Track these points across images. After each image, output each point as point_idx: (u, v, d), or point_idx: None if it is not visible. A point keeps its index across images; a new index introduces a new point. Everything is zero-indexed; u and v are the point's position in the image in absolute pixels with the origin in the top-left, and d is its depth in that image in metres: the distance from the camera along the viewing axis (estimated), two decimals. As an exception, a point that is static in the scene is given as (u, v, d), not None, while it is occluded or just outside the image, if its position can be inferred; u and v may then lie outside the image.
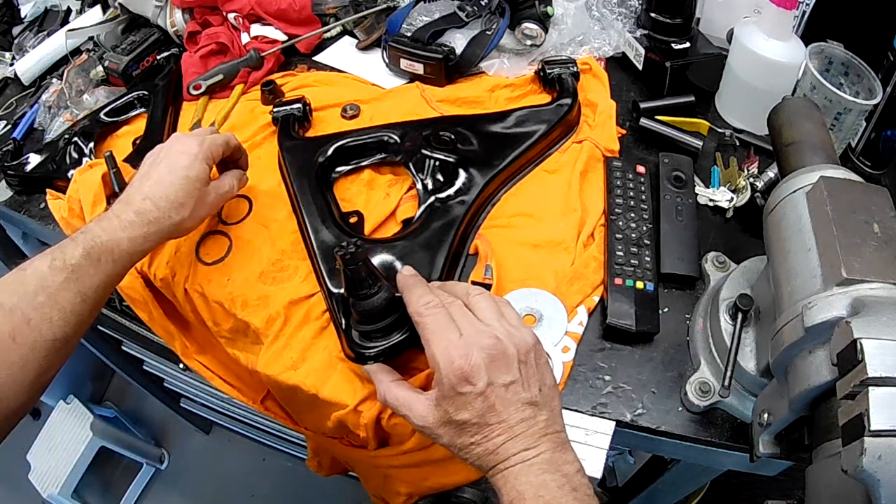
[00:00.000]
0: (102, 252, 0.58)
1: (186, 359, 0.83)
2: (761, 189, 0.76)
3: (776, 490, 0.84)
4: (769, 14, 0.80)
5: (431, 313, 0.52)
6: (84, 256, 0.57)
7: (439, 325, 0.51)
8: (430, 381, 0.61)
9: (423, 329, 0.52)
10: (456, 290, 0.56)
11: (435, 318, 0.52)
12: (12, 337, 0.52)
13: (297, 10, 0.98)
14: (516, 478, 0.48)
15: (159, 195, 0.63)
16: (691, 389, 0.63)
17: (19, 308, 0.53)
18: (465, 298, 0.54)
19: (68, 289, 0.55)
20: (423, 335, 0.52)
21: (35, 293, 0.54)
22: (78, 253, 0.57)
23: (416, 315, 0.53)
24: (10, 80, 1.06)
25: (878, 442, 0.36)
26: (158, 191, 0.63)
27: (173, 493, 1.70)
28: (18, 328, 0.52)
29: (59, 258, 0.56)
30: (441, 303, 0.53)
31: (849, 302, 0.44)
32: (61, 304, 0.55)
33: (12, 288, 0.54)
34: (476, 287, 0.56)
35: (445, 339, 0.50)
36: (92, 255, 0.57)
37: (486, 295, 0.55)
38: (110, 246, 0.59)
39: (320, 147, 0.81)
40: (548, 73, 0.89)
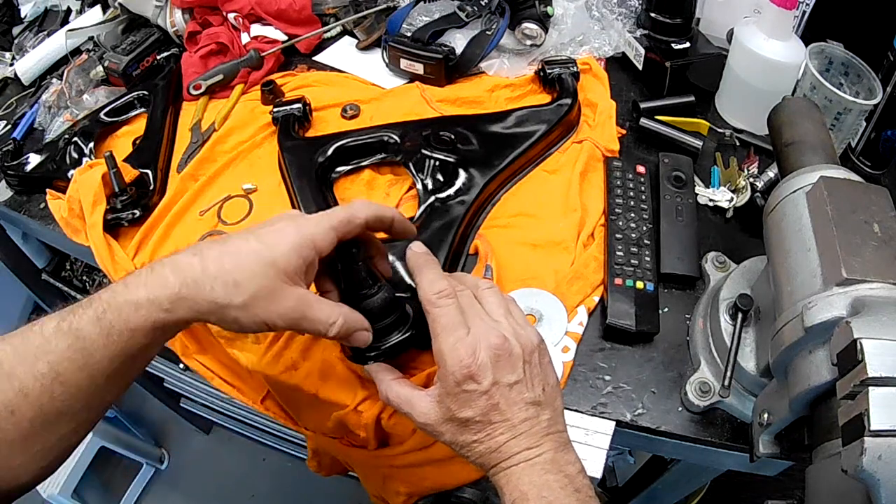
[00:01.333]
0: (116, 319, 0.45)
1: (186, 359, 0.83)
2: (761, 189, 0.76)
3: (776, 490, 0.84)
4: (769, 14, 0.80)
5: (444, 304, 0.50)
6: (93, 322, 0.45)
7: (450, 319, 0.50)
8: (430, 380, 0.61)
9: (433, 321, 0.51)
10: (465, 281, 0.55)
11: (447, 310, 0.50)
12: (10, 410, 0.44)
13: (297, 10, 0.98)
14: (519, 477, 0.48)
15: (214, 257, 0.47)
16: (691, 389, 0.63)
17: (17, 375, 0.44)
18: (475, 290, 0.54)
19: (73, 360, 0.45)
20: (433, 327, 0.51)
21: (36, 358, 0.44)
22: (88, 316, 0.45)
23: (427, 303, 0.51)
24: (10, 80, 1.06)
25: (878, 442, 0.36)
26: (216, 251, 0.47)
27: (173, 493, 1.70)
28: (16, 400, 0.44)
29: (68, 319, 0.46)
30: (453, 291, 0.51)
31: (849, 302, 0.44)
32: (65, 377, 0.44)
33: (15, 346, 0.45)
34: (485, 281, 0.55)
35: (455, 334, 0.49)
36: (103, 321, 0.45)
37: (495, 290, 0.54)
38: (126, 309, 0.45)
39: (320, 147, 0.81)
40: (548, 73, 0.89)
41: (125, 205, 0.78)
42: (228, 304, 0.46)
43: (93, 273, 1.17)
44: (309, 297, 0.49)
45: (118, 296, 0.46)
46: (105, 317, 0.45)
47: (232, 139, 0.88)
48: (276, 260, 0.47)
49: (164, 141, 0.87)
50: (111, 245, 0.76)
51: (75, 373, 0.45)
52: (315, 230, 0.49)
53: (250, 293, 0.46)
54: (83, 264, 1.18)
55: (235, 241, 0.48)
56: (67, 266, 1.18)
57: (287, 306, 0.48)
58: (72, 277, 1.17)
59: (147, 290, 0.46)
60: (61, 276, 1.17)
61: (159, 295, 0.46)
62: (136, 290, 0.46)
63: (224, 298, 0.46)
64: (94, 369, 0.45)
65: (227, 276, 0.46)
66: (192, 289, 0.46)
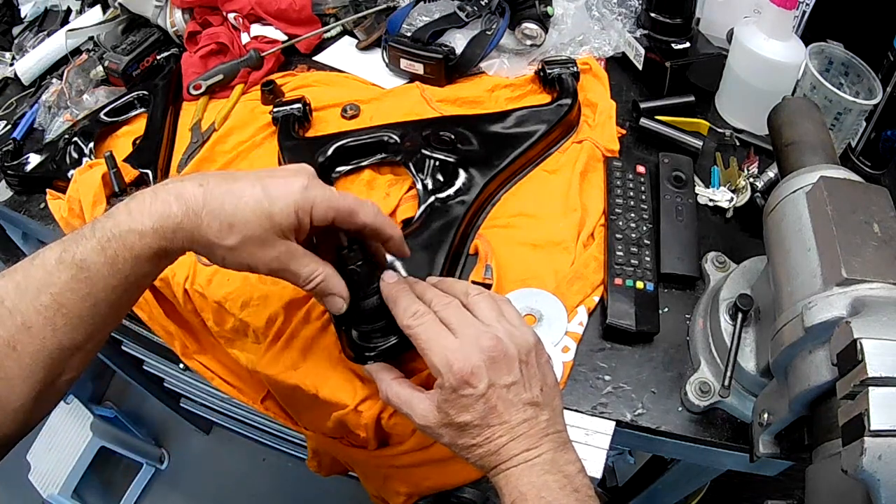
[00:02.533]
0: (120, 246, 0.46)
1: (186, 359, 0.83)
2: (761, 189, 0.76)
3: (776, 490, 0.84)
4: (769, 14, 0.80)
5: (420, 323, 0.51)
6: (98, 252, 0.46)
7: (430, 333, 0.50)
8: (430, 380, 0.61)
9: (416, 340, 0.51)
10: (455, 288, 0.55)
11: (424, 326, 0.51)
12: (11, 345, 0.45)
13: (297, 10, 0.98)
14: (518, 478, 0.48)
15: (217, 194, 0.48)
16: (691, 389, 0.63)
17: (19, 310, 0.45)
18: (465, 298, 0.54)
19: (76, 290, 0.45)
20: (418, 345, 0.51)
21: (38, 291, 0.45)
22: (91, 246, 0.46)
23: (405, 329, 0.52)
24: (10, 80, 1.06)
25: (878, 442, 0.36)
26: (221, 189, 0.48)
27: (173, 493, 1.70)
28: (18, 335, 0.45)
29: (70, 250, 0.46)
30: (428, 310, 0.52)
31: (849, 302, 0.44)
32: (68, 307, 0.45)
33: (17, 282, 0.46)
34: (476, 287, 0.55)
35: (439, 345, 0.50)
36: (107, 251, 0.46)
37: (485, 294, 0.54)
38: (130, 238, 0.46)
39: (320, 147, 0.81)
40: (548, 73, 0.89)
41: (125, 205, 0.78)
42: (219, 243, 0.48)
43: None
44: (296, 250, 0.51)
45: (122, 224, 0.47)
46: (109, 245, 0.46)
47: (232, 139, 0.88)
48: (273, 213, 0.48)
49: (164, 141, 0.87)
50: (111, 245, 0.76)
51: (78, 303, 0.46)
52: (319, 198, 0.50)
53: (241, 238, 0.48)
54: (83, 264, 1.17)
55: (242, 183, 0.49)
56: (67, 266, 1.18)
57: (273, 256, 0.50)
58: (72, 277, 1.17)
59: (152, 220, 0.47)
60: (61, 276, 1.16)
61: (164, 225, 0.47)
62: (140, 218, 0.47)
63: (216, 238, 0.48)
64: (98, 298, 0.46)
65: (225, 217, 0.47)
66: (192, 221, 0.47)
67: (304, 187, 0.50)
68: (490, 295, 0.54)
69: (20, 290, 0.46)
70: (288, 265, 0.51)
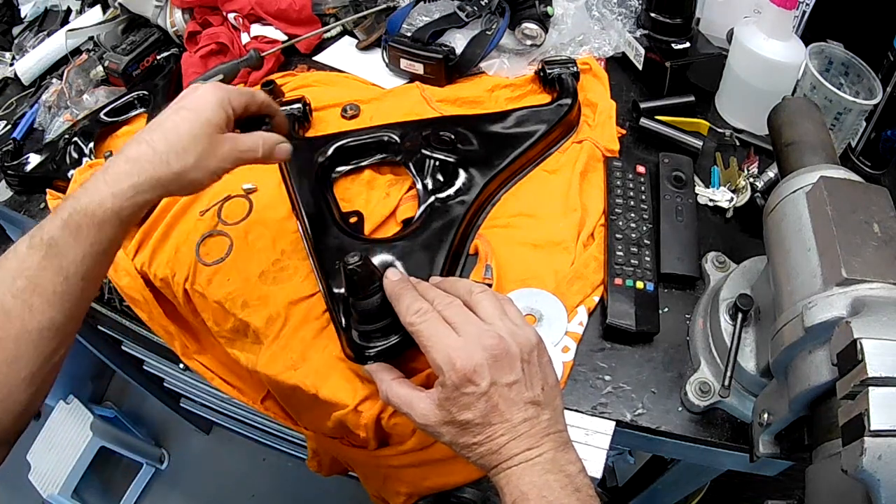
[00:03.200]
0: (83, 218, 0.49)
1: (186, 359, 0.83)
2: (761, 189, 0.76)
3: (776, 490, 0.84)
4: (769, 14, 0.80)
5: (423, 320, 0.51)
6: (62, 227, 0.49)
7: (433, 330, 0.51)
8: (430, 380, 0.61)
9: (418, 337, 0.51)
10: (458, 287, 0.55)
11: (427, 324, 0.51)
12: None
13: (297, 10, 0.98)
14: (519, 477, 0.48)
15: (158, 137, 0.53)
16: (691, 389, 0.63)
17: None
18: (468, 296, 0.54)
19: (47, 268, 0.48)
20: (421, 343, 0.51)
21: (13, 278, 0.48)
22: (56, 224, 0.49)
23: (408, 326, 0.52)
24: (10, 80, 1.06)
25: (878, 442, 0.36)
26: (158, 133, 0.53)
27: (173, 493, 1.70)
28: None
29: (38, 234, 0.49)
30: (431, 307, 0.52)
31: (849, 302, 0.44)
32: (42, 286, 0.48)
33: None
34: (479, 285, 0.55)
35: (442, 342, 0.50)
36: (70, 224, 0.49)
37: (488, 293, 0.54)
38: (91, 208, 0.50)
39: (320, 147, 0.81)
40: (548, 73, 0.89)
41: (125, 205, 0.78)
42: (183, 168, 0.53)
43: (93, 273, 1.17)
44: (236, 137, 0.58)
45: (81, 199, 0.50)
46: (72, 219, 0.50)
47: (232, 139, 0.88)
48: (208, 118, 0.55)
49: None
50: (111, 245, 0.76)
51: (51, 279, 0.49)
52: (229, 90, 0.58)
53: (198, 152, 0.54)
54: (83, 264, 1.17)
55: (168, 116, 0.55)
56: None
57: (226, 149, 0.56)
58: (72, 277, 1.17)
59: (108, 186, 0.51)
60: (61, 276, 1.16)
61: (122, 186, 0.51)
62: (95, 189, 0.51)
63: (178, 166, 0.53)
64: (68, 271, 0.49)
65: (176, 146, 0.53)
66: (150, 170, 0.52)
67: (215, 87, 0.57)
68: (493, 293, 0.54)
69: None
70: (240, 148, 0.57)
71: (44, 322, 0.48)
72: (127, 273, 0.75)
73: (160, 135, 0.53)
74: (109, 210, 0.50)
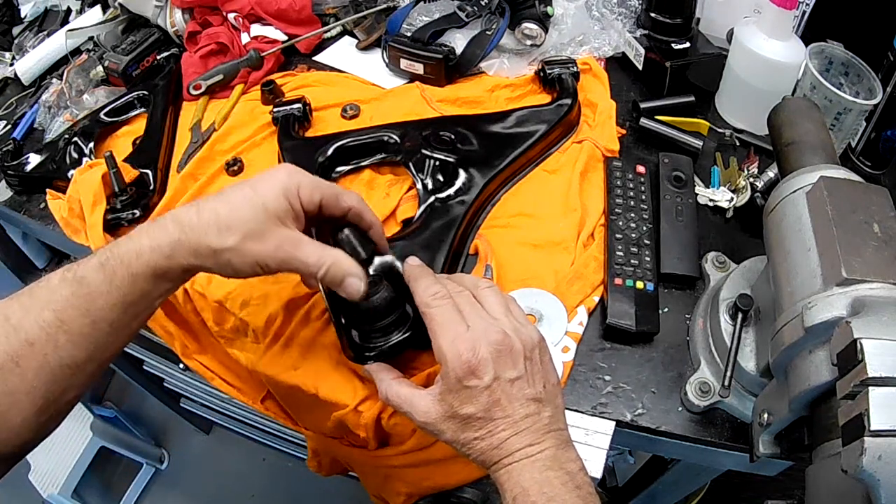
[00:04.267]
0: (118, 265, 0.48)
1: (186, 359, 0.83)
2: (761, 189, 0.76)
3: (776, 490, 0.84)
4: (769, 14, 0.80)
5: (439, 304, 0.51)
6: (97, 269, 0.48)
7: (447, 317, 0.51)
8: (430, 380, 0.61)
9: (430, 320, 0.51)
10: (464, 281, 0.56)
11: (442, 309, 0.51)
12: (15, 360, 0.46)
13: (297, 10, 0.98)
14: (520, 473, 0.48)
15: (209, 206, 0.50)
16: (691, 389, 0.63)
17: (23, 327, 0.46)
18: (474, 290, 0.54)
19: (76, 307, 0.47)
20: (431, 327, 0.51)
21: (41, 309, 0.47)
22: (92, 264, 0.48)
23: (423, 306, 0.52)
24: (10, 80, 1.06)
25: (878, 442, 0.36)
26: (212, 202, 0.50)
27: (173, 493, 1.70)
28: (21, 350, 0.46)
29: (73, 269, 0.48)
30: (448, 293, 0.52)
31: (849, 302, 0.44)
32: (69, 324, 0.47)
33: (22, 301, 0.48)
34: (485, 280, 0.56)
35: (453, 331, 0.50)
36: (106, 268, 0.48)
37: (494, 289, 0.54)
38: (128, 257, 0.48)
39: (320, 147, 0.81)
40: (548, 73, 0.89)
41: (125, 205, 0.78)
42: (221, 247, 0.49)
43: (93, 273, 1.17)
44: (298, 237, 0.52)
45: (121, 245, 0.49)
46: (108, 263, 0.48)
47: (232, 139, 0.88)
48: (265, 202, 0.50)
49: (164, 141, 0.87)
50: (111, 245, 0.76)
51: (78, 319, 0.47)
52: (303, 180, 0.52)
53: (241, 234, 0.49)
54: (83, 264, 1.17)
55: (230, 190, 0.51)
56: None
57: (275, 245, 0.50)
58: (72, 277, 1.17)
59: (149, 239, 0.49)
60: (61, 276, 1.16)
61: (161, 242, 0.49)
62: (138, 239, 0.49)
63: (217, 242, 0.49)
64: (97, 315, 0.48)
65: (221, 221, 0.49)
66: (190, 235, 0.49)
67: (288, 174, 0.52)
68: (498, 290, 0.55)
69: (24, 308, 0.47)
70: (294, 253, 0.51)
71: (65, 359, 0.47)
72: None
73: (212, 204, 0.50)
74: (145, 263, 0.48)
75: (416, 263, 0.56)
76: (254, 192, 0.50)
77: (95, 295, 0.48)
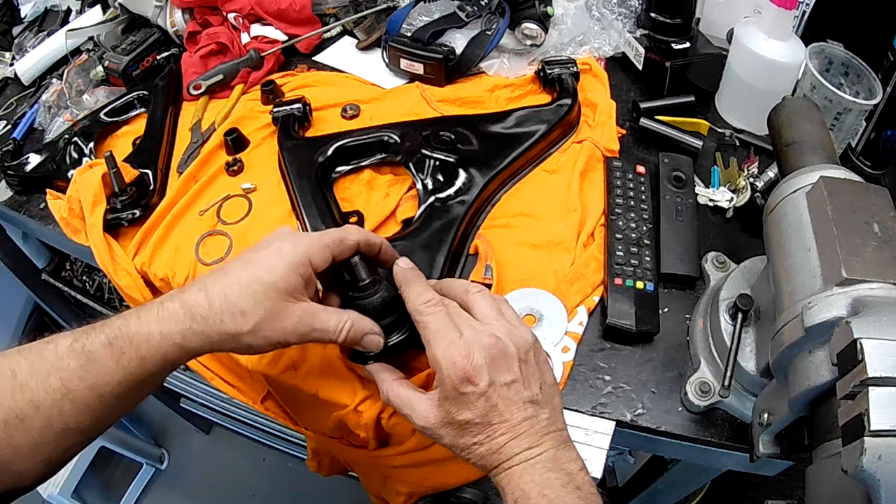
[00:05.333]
0: (127, 345, 0.48)
1: (186, 359, 0.83)
2: (761, 189, 0.76)
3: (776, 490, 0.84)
4: (769, 14, 0.80)
5: (432, 312, 0.51)
6: (105, 346, 0.48)
7: (440, 325, 0.51)
8: (430, 380, 0.61)
9: (423, 328, 0.51)
10: (455, 287, 0.56)
11: (436, 317, 0.51)
12: (20, 418, 0.46)
13: (297, 10, 0.98)
14: (520, 476, 0.48)
15: (218, 291, 0.49)
16: (691, 389, 0.63)
17: (29, 387, 0.46)
18: (464, 296, 0.54)
19: (83, 379, 0.47)
20: (424, 335, 0.51)
21: (48, 374, 0.47)
22: (100, 340, 0.48)
23: (415, 313, 0.52)
24: (10, 80, 1.06)
25: (878, 442, 0.36)
26: (220, 285, 0.50)
27: (173, 493, 1.70)
28: (26, 409, 0.46)
29: (81, 340, 0.48)
30: (440, 300, 0.53)
31: (849, 302, 0.44)
32: (74, 394, 0.47)
33: (30, 360, 0.47)
34: (475, 285, 0.56)
35: (447, 338, 0.50)
36: (114, 346, 0.48)
37: (484, 293, 0.54)
38: (137, 340, 0.48)
39: (320, 147, 0.81)
40: (548, 73, 0.89)
41: (125, 205, 0.78)
42: (238, 332, 0.49)
43: (93, 273, 1.17)
44: (314, 308, 0.52)
45: (131, 326, 0.48)
46: (116, 343, 0.48)
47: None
48: (276, 282, 0.49)
49: (164, 141, 0.87)
50: (111, 245, 0.76)
51: (84, 391, 0.47)
52: (310, 248, 0.52)
53: (257, 318, 0.49)
54: (83, 264, 1.18)
55: (234, 270, 0.50)
56: (67, 266, 1.18)
57: (293, 322, 0.50)
58: (72, 277, 1.17)
59: (160, 326, 0.48)
60: (61, 276, 1.17)
61: (172, 330, 0.48)
62: (148, 323, 0.49)
63: (234, 328, 0.49)
64: (104, 390, 0.48)
65: (234, 307, 0.49)
66: (202, 324, 0.49)
67: (293, 246, 0.51)
68: (489, 294, 0.55)
69: (32, 369, 0.47)
70: (313, 325, 0.51)
71: (70, 424, 0.47)
72: (127, 273, 0.75)
73: (220, 288, 0.49)
74: (154, 349, 0.48)
75: (407, 267, 0.56)
76: (263, 272, 0.50)
77: (102, 371, 0.47)
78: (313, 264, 0.51)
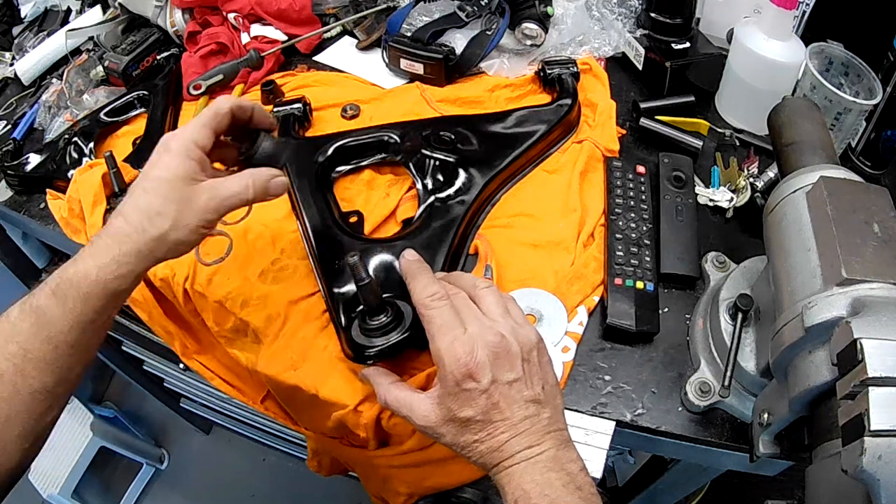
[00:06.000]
0: (69, 288, 0.50)
1: (186, 359, 0.83)
2: (761, 189, 0.76)
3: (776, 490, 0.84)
4: (769, 14, 0.80)
5: (437, 306, 0.51)
6: (50, 296, 0.50)
7: (445, 320, 0.50)
8: (429, 381, 0.61)
9: (427, 322, 0.51)
10: (463, 280, 0.55)
11: (440, 311, 0.51)
12: None
13: (297, 10, 0.98)
14: (521, 476, 0.48)
15: (130, 208, 0.52)
16: (691, 389, 0.63)
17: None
18: (472, 290, 0.54)
19: (37, 335, 0.49)
20: (428, 329, 0.51)
21: (6, 342, 0.49)
22: (45, 292, 0.50)
23: (420, 306, 0.52)
24: (10, 80, 1.06)
25: (878, 442, 0.36)
26: (130, 203, 0.52)
27: (173, 493, 1.70)
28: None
29: (28, 301, 0.50)
30: (446, 294, 0.52)
31: (849, 302, 0.44)
32: (33, 353, 0.49)
33: None
34: (483, 280, 0.55)
35: (451, 334, 0.49)
36: (58, 293, 0.50)
37: (492, 289, 0.54)
38: (77, 279, 0.50)
39: (320, 147, 0.81)
40: (548, 73, 0.89)
41: (125, 205, 0.78)
42: (162, 232, 0.51)
43: (93, 273, 1.17)
44: (216, 182, 0.55)
45: (68, 270, 0.51)
46: (59, 289, 0.50)
47: (232, 139, 0.88)
48: (174, 174, 0.52)
49: (164, 141, 0.87)
50: (111, 245, 0.76)
51: (40, 347, 0.49)
52: (192, 133, 0.55)
53: (173, 212, 0.52)
54: (83, 264, 1.17)
55: (137, 186, 0.53)
56: (67, 266, 1.18)
57: (204, 199, 0.53)
58: (72, 277, 1.17)
59: (94, 260, 0.51)
60: (61, 276, 1.16)
61: (105, 260, 0.50)
62: (83, 262, 0.51)
63: (157, 231, 0.51)
64: (58, 340, 0.49)
65: (149, 212, 0.51)
66: (129, 243, 0.51)
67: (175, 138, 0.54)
68: (496, 290, 0.55)
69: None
70: (221, 194, 0.54)
71: (35, 385, 0.49)
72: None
73: (131, 204, 0.52)
74: (94, 282, 0.50)
75: (413, 258, 0.56)
76: (159, 171, 0.52)
77: (53, 320, 0.49)
78: (200, 144, 0.55)
